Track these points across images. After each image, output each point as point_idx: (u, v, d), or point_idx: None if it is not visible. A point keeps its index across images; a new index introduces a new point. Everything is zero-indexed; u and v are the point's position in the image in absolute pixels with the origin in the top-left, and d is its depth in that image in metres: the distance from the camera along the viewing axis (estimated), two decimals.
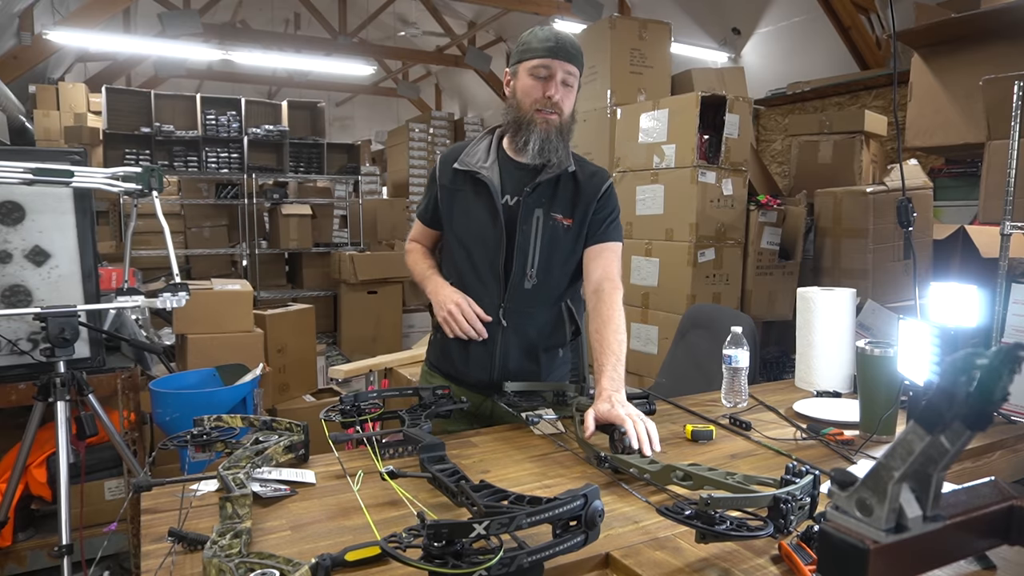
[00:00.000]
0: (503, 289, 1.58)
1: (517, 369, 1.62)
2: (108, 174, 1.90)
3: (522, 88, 1.54)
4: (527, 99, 1.53)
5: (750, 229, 3.40)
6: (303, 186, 7.26)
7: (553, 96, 1.51)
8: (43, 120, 6.25)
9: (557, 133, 1.54)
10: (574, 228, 1.60)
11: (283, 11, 10.01)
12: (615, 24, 3.88)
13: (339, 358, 5.76)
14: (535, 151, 1.54)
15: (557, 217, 1.59)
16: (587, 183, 1.61)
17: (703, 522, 0.90)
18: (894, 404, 1.42)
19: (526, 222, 1.56)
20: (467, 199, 1.61)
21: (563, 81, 1.52)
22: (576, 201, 1.61)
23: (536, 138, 1.53)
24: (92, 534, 2.41)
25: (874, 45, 5.77)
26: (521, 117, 1.55)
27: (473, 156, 1.60)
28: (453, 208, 1.63)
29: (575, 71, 1.54)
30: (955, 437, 0.56)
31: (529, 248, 1.57)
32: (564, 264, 1.62)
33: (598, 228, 1.62)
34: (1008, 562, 0.88)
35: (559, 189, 1.60)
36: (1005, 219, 2.21)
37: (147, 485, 1.13)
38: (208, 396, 2.72)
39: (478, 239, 1.59)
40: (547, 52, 1.50)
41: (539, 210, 1.57)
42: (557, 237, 1.59)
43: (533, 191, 1.56)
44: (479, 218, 1.58)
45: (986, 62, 2.97)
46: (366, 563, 0.91)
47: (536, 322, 1.63)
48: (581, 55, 1.55)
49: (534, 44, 1.52)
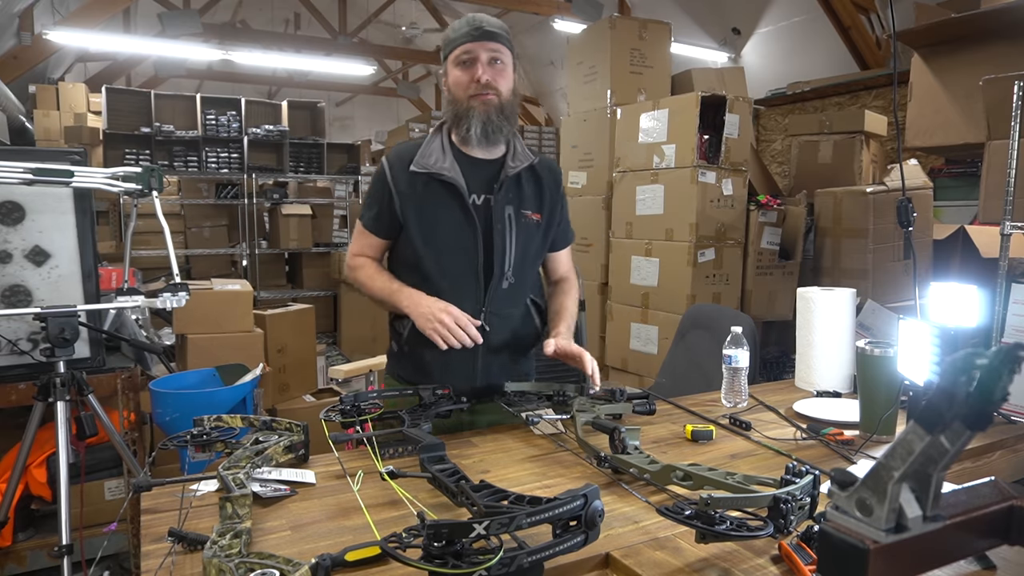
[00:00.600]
0: (483, 293, 1.54)
1: (500, 373, 1.59)
2: (108, 174, 1.90)
3: (453, 80, 1.52)
4: (459, 89, 1.50)
5: (750, 229, 3.41)
6: (303, 186, 7.26)
7: (481, 77, 1.47)
8: (43, 120, 6.25)
9: (498, 112, 1.50)
10: (543, 224, 1.60)
11: (283, 11, 10.01)
12: (615, 24, 3.89)
13: (339, 358, 5.76)
14: (478, 135, 1.50)
15: (527, 214, 1.56)
16: (546, 175, 1.61)
17: (703, 522, 0.90)
18: (894, 404, 1.42)
19: (500, 221, 1.52)
20: (434, 203, 1.52)
21: (490, 60, 1.48)
22: (541, 196, 1.60)
23: (476, 121, 1.49)
24: (92, 534, 2.41)
25: (874, 45, 5.77)
26: (459, 108, 1.51)
27: (429, 157, 1.52)
28: (418, 214, 1.53)
29: (500, 48, 1.50)
30: (955, 437, 0.56)
31: (505, 248, 1.53)
32: (535, 261, 1.63)
33: (563, 230, 1.70)
34: (1008, 562, 0.88)
35: (523, 184, 1.57)
36: (1005, 219, 2.21)
37: (147, 485, 1.13)
38: (208, 396, 2.71)
39: (451, 244, 1.52)
40: (466, 37, 1.48)
41: (510, 207, 1.54)
42: (530, 234, 1.57)
43: (501, 188, 1.53)
44: (450, 222, 1.52)
45: (986, 62, 2.97)
46: (366, 563, 0.91)
47: (513, 322, 1.61)
48: (505, 32, 1.51)
49: (453, 35, 1.51)
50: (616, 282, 3.78)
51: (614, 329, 3.79)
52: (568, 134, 4.33)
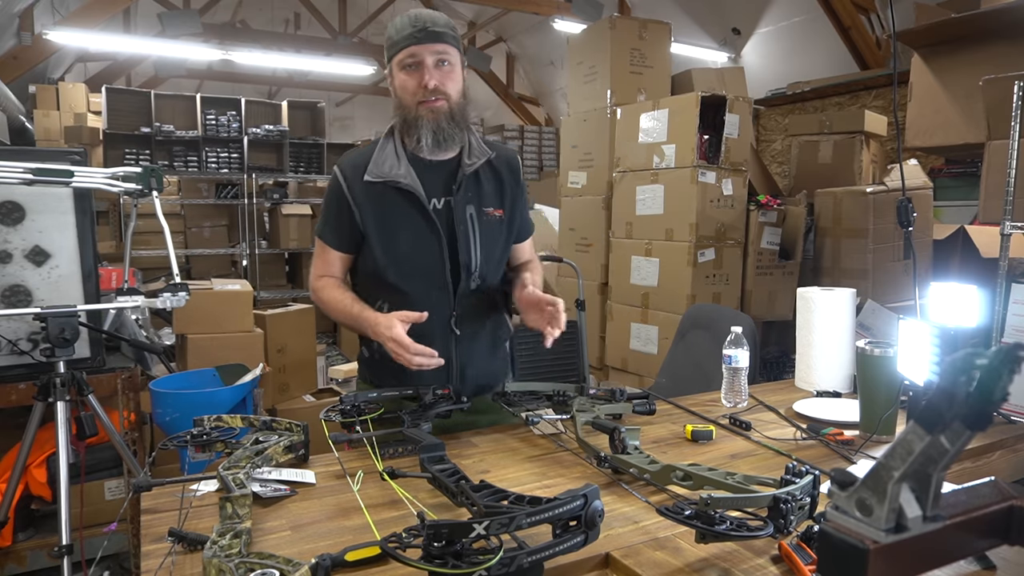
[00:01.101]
0: (452, 298, 1.51)
1: (475, 374, 1.58)
2: (108, 174, 1.90)
3: (399, 85, 1.47)
4: (406, 95, 1.46)
5: (750, 229, 3.41)
6: (303, 186, 7.26)
7: (428, 83, 1.42)
8: (43, 120, 6.25)
9: (448, 119, 1.46)
10: (506, 219, 1.57)
11: (283, 11, 10.00)
12: (615, 24, 3.89)
13: (339, 358, 5.76)
14: (429, 145, 1.46)
15: (489, 211, 1.53)
16: (505, 168, 1.58)
17: (703, 522, 0.90)
18: (894, 404, 1.42)
19: (462, 222, 1.49)
20: (393, 212, 1.49)
21: (437, 63, 1.44)
22: (502, 190, 1.57)
23: (426, 131, 1.45)
24: (92, 534, 2.41)
25: (874, 45, 5.77)
26: (407, 114, 1.47)
27: (383, 164, 1.48)
28: (379, 225, 1.49)
29: (446, 49, 1.45)
30: (955, 437, 0.56)
31: (470, 249, 1.50)
32: (502, 258, 1.60)
33: (524, 221, 1.66)
34: (1008, 562, 0.88)
35: (482, 181, 1.54)
36: (1005, 219, 2.21)
37: (147, 485, 1.13)
38: (208, 396, 2.72)
39: (414, 251, 1.49)
40: (409, 40, 1.43)
41: (470, 207, 1.51)
42: (493, 231, 1.54)
43: (460, 188, 1.49)
44: (413, 230, 1.48)
45: (986, 62, 2.97)
46: (366, 563, 0.91)
47: (485, 321, 1.59)
48: (451, 29, 1.46)
49: (395, 36, 1.45)
50: (616, 282, 3.78)
51: (614, 329, 3.79)
52: (568, 134, 4.33)
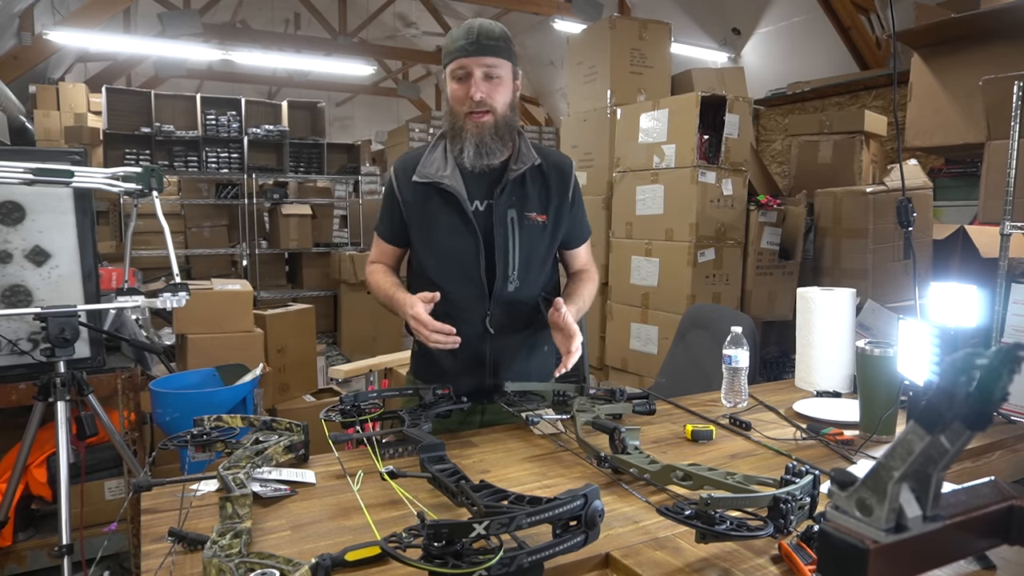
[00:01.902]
0: (487, 298, 1.54)
1: (509, 374, 1.60)
2: (108, 174, 1.90)
3: (451, 93, 1.51)
4: (456, 103, 1.50)
5: (750, 229, 3.41)
6: (303, 186, 7.26)
7: (475, 95, 1.45)
8: (43, 120, 6.25)
9: (492, 133, 1.48)
10: (549, 224, 1.58)
11: (283, 11, 10.00)
12: (615, 24, 3.89)
13: (339, 358, 5.76)
14: (471, 157, 1.49)
15: (531, 216, 1.55)
16: (554, 174, 1.58)
17: (703, 522, 0.90)
18: (894, 404, 1.42)
19: (501, 225, 1.51)
20: (435, 211, 1.54)
21: (485, 76, 1.46)
22: (547, 196, 1.58)
23: (469, 144, 1.48)
24: (92, 534, 2.42)
25: (874, 45, 5.77)
26: (455, 123, 1.51)
27: (431, 166, 1.53)
28: (422, 223, 1.56)
29: (496, 62, 1.47)
30: (955, 437, 0.56)
31: (508, 252, 1.52)
32: (543, 262, 1.61)
33: (575, 228, 1.66)
34: (1008, 562, 0.88)
35: (528, 186, 1.55)
36: (1005, 219, 2.21)
37: (147, 485, 1.13)
38: (208, 396, 2.72)
39: (453, 251, 1.53)
40: (460, 52, 1.46)
41: (512, 211, 1.53)
42: (534, 236, 1.56)
43: (503, 192, 1.51)
44: (451, 230, 1.52)
45: (986, 62, 2.97)
46: (366, 563, 0.91)
47: (521, 323, 1.60)
48: (504, 42, 1.48)
49: (450, 46, 1.48)
50: (616, 282, 3.78)
51: (614, 329, 3.79)
52: (568, 134, 4.33)
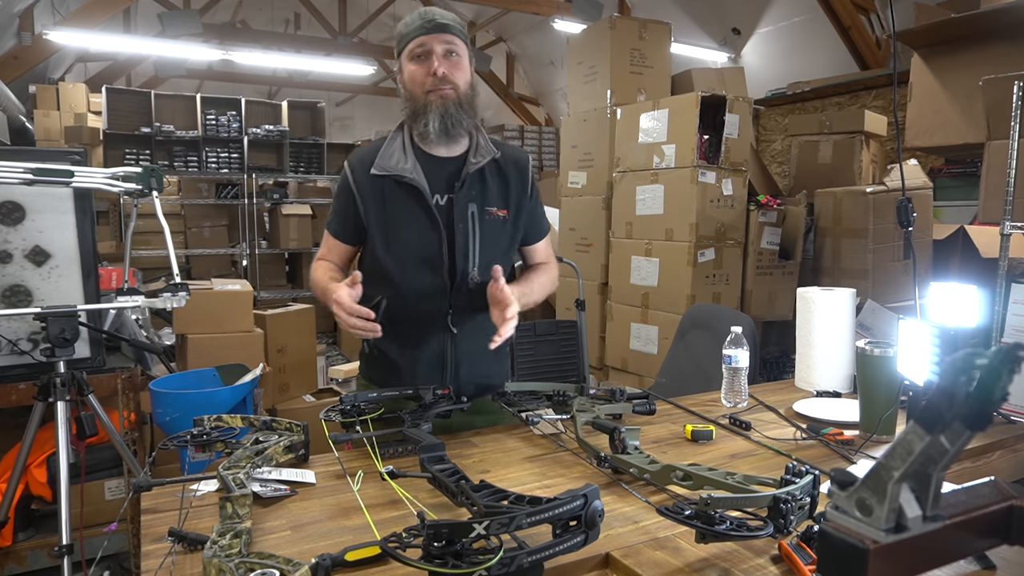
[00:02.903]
0: (448, 294, 1.52)
1: (470, 374, 1.57)
2: (108, 174, 1.90)
3: (408, 76, 1.49)
4: (415, 84, 1.47)
5: (750, 229, 3.41)
6: (303, 186, 7.26)
7: (438, 71, 1.44)
8: (43, 120, 6.25)
9: (456, 106, 1.47)
10: (510, 219, 1.56)
11: (283, 11, 9.99)
12: (615, 24, 3.89)
13: (339, 358, 5.76)
14: (437, 130, 1.46)
15: (492, 210, 1.53)
16: (512, 169, 1.57)
17: (703, 522, 0.90)
18: (894, 404, 1.42)
19: (462, 219, 1.49)
20: (396, 206, 1.50)
21: (446, 53, 1.46)
22: (507, 191, 1.56)
23: (434, 116, 1.46)
24: (92, 534, 2.41)
25: (874, 45, 5.77)
26: (416, 104, 1.48)
27: (390, 159, 1.50)
28: (382, 218, 1.51)
29: (455, 40, 1.47)
30: (955, 437, 0.56)
31: (469, 247, 1.50)
32: (504, 257, 1.58)
33: (536, 223, 1.63)
34: (1008, 562, 0.88)
35: (487, 180, 1.53)
36: (1005, 219, 2.21)
37: (147, 485, 1.13)
38: (208, 396, 2.72)
39: (415, 246, 1.50)
40: (419, 31, 1.45)
41: (473, 205, 1.51)
42: (495, 231, 1.54)
43: (463, 186, 1.50)
44: (414, 224, 1.49)
45: (986, 62, 2.97)
46: (366, 563, 0.91)
47: (483, 322, 1.55)
48: (458, 25, 1.49)
49: (405, 30, 1.48)
50: (616, 282, 3.78)
51: (614, 329, 3.79)
52: (568, 134, 4.33)
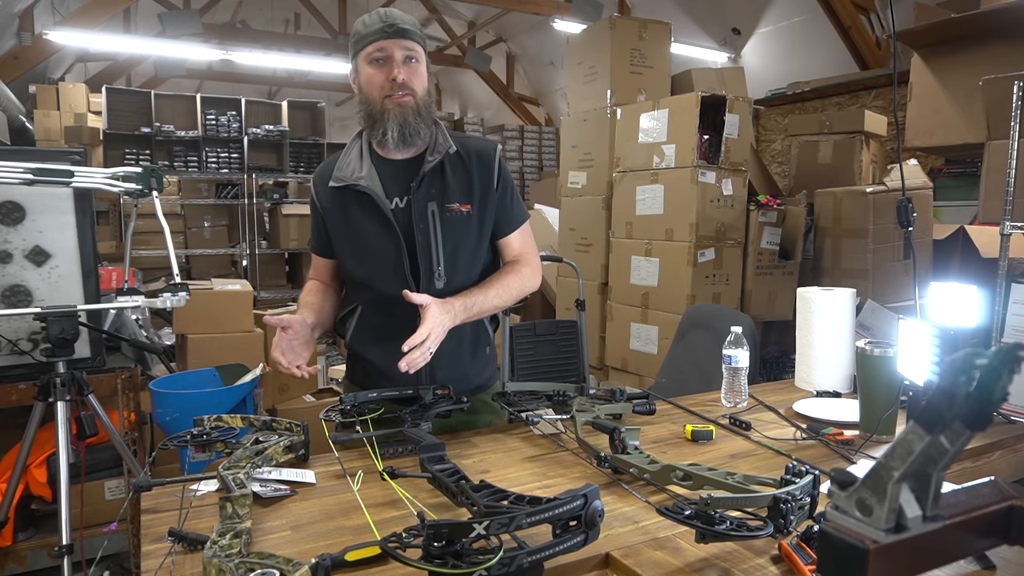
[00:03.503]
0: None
1: (448, 377, 1.53)
2: (108, 174, 1.90)
3: (365, 79, 1.47)
4: (373, 88, 1.46)
5: (750, 229, 3.41)
6: (303, 186, 7.27)
7: (397, 77, 1.42)
8: (43, 120, 6.25)
9: (415, 114, 1.45)
10: (475, 214, 1.51)
11: (283, 11, 10.00)
12: (615, 24, 3.89)
13: (339, 358, 5.75)
14: (395, 138, 1.45)
15: (454, 207, 1.49)
16: (475, 162, 1.52)
17: (703, 522, 0.90)
18: (894, 404, 1.42)
19: (421, 220, 1.47)
20: (355, 216, 1.50)
21: (405, 59, 1.45)
22: (470, 185, 1.51)
23: (393, 125, 1.44)
24: (92, 534, 2.41)
25: (874, 45, 5.77)
26: (372, 109, 1.46)
27: (346, 169, 1.49)
28: (342, 230, 1.52)
29: (414, 46, 1.45)
30: (955, 437, 0.56)
31: (431, 247, 1.47)
32: (472, 255, 1.53)
33: (505, 213, 1.56)
34: (1008, 562, 0.88)
35: (447, 176, 1.50)
36: (1005, 219, 2.21)
37: (147, 485, 1.13)
38: (208, 396, 2.71)
39: (375, 254, 1.49)
40: (378, 34, 1.43)
41: (432, 204, 1.48)
42: (458, 228, 1.50)
43: (420, 185, 1.47)
44: (371, 232, 1.48)
45: (986, 62, 2.97)
46: (366, 563, 0.91)
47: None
48: (417, 29, 1.47)
49: (364, 31, 1.45)
50: (616, 282, 3.78)
51: (614, 329, 3.79)
52: (568, 134, 4.33)
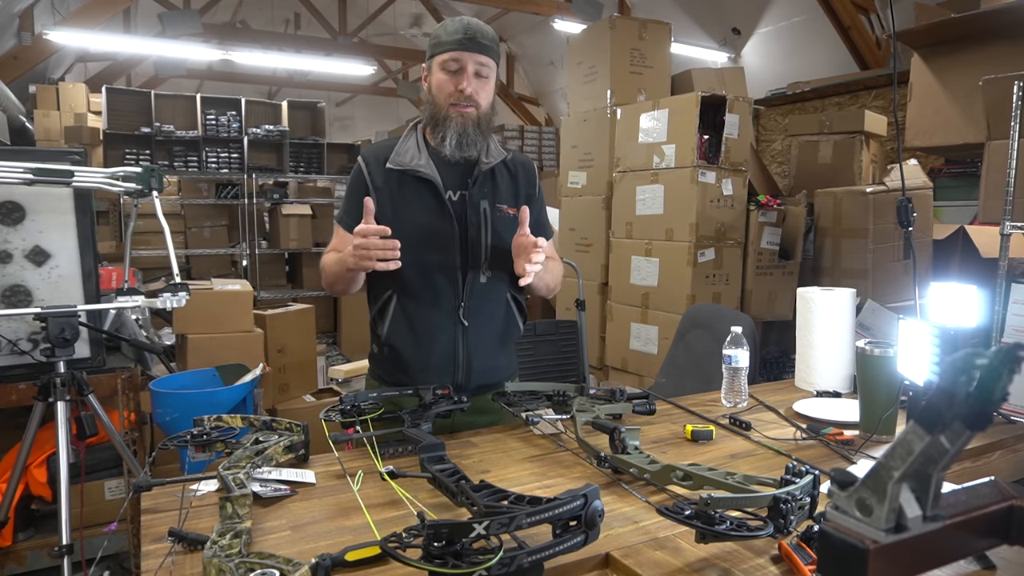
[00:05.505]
0: (461, 288, 1.55)
1: (481, 368, 1.59)
2: (108, 174, 1.90)
3: (436, 83, 1.53)
4: (441, 94, 1.52)
5: (750, 229, 3.41)
6: (303, 186, 7.26)
7: (465, 89, 1.49)
8: (43, 120, 6.24)
9: (475, 126, 1.52)
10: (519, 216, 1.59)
11: (283, 11, 10.00)
12: (615, 24, 3.89)
13: (339, 358, 5.76)
14: (453, 146, 1.52)
15: (503, 208, 1.58)
16: (521, 171, 1.64)
17: (703, 522, 0.90)
18: (894, 404, 1.42)
19: (475, 214, 1.54)
20: (409, 199, 1.55)
21: (476, 73, 1.50)
22: (516, 190, 1.62)
23: (453, 133, 1.51)
24: (92, 534, 2.41)
25: (874, 45, 5.77)
26: (437, 112, 1.53)
27: (405, 155, 1.56)
28: (395, 210, 1.54)
29: (488, 62, 1.52)
30: (955, 437, 0.56)
31: (481, 242, 1.55)
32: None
33: (539, 224, 1.63)
34: (1008, 562, 0.88)
35: (498, 180, 1.59)
36: (1005, 219, 2.21)
37: (147, 485, 1.13)
38: (208, 396, 2.72)
39: (427, 239, 1.53)
40: (456, 45, 1.48)
41: (484, 202, 1.56)
42: (505, 227, 1.57)
43: (475, 183, 1.55)
44: (426, 217, 1.54)
45: (986, 62, 2.97)
46: (366, 563, 0.91)
47: (493, 317, 1.61)
48: (495, 44, 1.53)
49: (444, 38, 1.50)
50: (616, 282, 3.78)
51: (614, 329, 3.79)
52: (568, 134, 4.33)
